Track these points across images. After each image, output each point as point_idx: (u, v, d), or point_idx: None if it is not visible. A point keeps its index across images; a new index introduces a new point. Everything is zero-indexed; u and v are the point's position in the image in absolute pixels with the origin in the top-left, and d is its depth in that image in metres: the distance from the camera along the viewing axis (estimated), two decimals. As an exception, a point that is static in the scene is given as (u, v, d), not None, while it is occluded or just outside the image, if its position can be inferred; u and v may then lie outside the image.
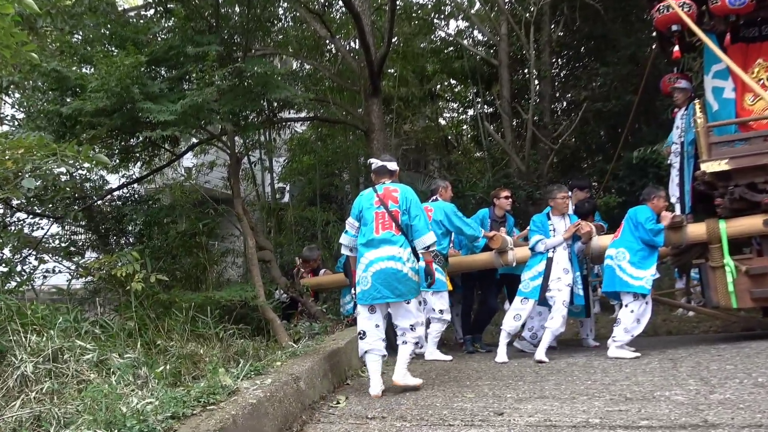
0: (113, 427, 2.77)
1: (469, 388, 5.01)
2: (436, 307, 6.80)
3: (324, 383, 4.86)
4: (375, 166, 5.73)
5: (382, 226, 5.32)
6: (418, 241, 5.31)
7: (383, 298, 5.15)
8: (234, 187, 8.13)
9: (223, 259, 10.29)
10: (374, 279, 5.17)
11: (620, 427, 3.67)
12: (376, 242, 5.26)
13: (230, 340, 6.11)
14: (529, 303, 6.55)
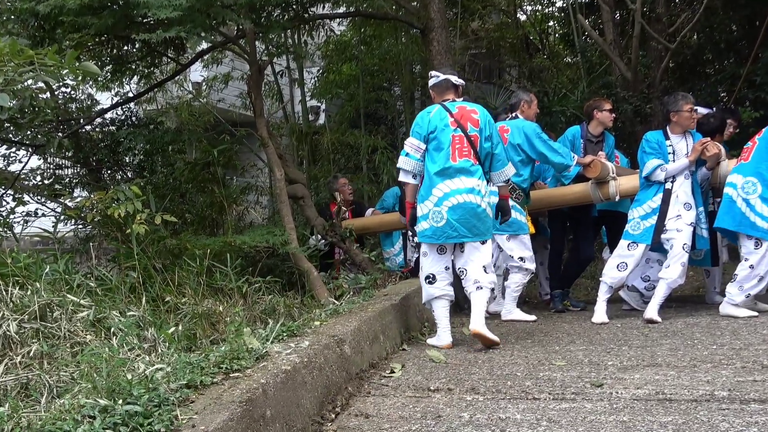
0: (117, 396, 2.87)
1: (558, 355, 5.03)
2: (514, 254, 6.81)
3: (374, 348, 4.93)
4: (436, 81, 5.87)
5: (459, 153, 5.56)
6: (500, 173, 5.73)
7: (460, 237, 5.49)
8: (256, 105, 8.16)
9: (245, 196, 10.44)
10: (450, 214, 5.47)
11: (755, 401, 3.65)
12: (452, 171, 5.54)
13: (256, 296, 6.24)
14: (638, 248, 6.49)
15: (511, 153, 6.78)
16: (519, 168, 6.81)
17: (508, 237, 6.77)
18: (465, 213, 5.47)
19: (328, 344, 4.15)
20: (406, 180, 5.75)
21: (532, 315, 6.92)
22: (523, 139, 6.88)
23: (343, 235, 8.12)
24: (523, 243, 6.83)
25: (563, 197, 7.43)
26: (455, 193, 5.48)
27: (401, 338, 5.62)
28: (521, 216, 6.82)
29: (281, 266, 7.82)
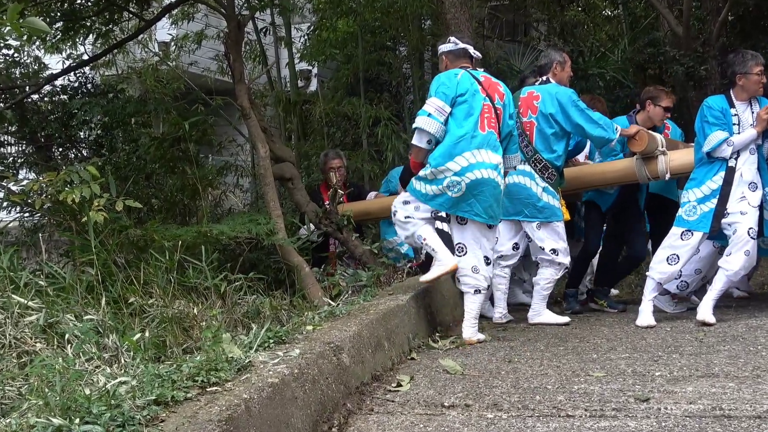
0: (73, 415, 2.88)
1: (596, 364, 5.05)
2: (545, 245, 6.83)
3: (378, 357, 4.95)
4: (453, 48, 6.27)
5: (488, 123, 5.96)
6: (513, 158, 6.30)
7: (473, 214, 5.95)
8: (235, 68, 8.14)
9: (222, 178, 10.45)
10: (470, 189, 5.88)
11: (831, 418, 3.66)
12: (479, 142, 5.94)
13: (236, 297, 6.25)
14: (693, 237, 6.50)
15: (542, 124, 6.86)
16: (551, 142, 6.85)
17: (538, 225, 6.79)
18: (487, 191, 5.82)
19: (322, 353, 4.16)
20: (420, 144, 6.03)
21: (564, 317, 6.95)
22: (557, 107, 6.87)
23: (339, 224, 8.11)
24: (555, 232, 6.84)
25: (602, 176, 7.43)
26: (480, 167, 5.84)
27: (409, 345, 5.63)
28: (554, 200, 6.84)
29: (266, 261, 7.82)
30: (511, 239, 7.00)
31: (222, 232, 6.90)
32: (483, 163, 5.86)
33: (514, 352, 5.56)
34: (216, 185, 9.84)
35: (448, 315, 6.82)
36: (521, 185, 6.79)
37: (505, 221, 6.87)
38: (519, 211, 6.82)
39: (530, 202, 6.77)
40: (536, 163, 6.81)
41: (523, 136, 6.87)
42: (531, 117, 6.92)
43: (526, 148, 6.82)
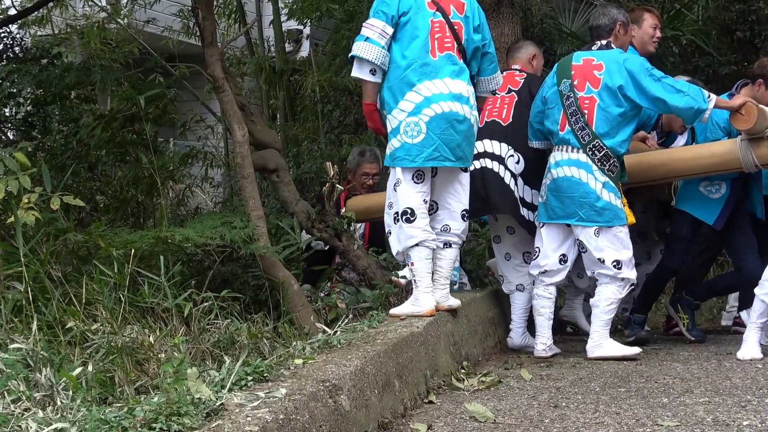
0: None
1: (666, 410, 5.06)
2: (606, 257, 6.85)
3: (386, 399, 4.96)
4: None
5: (440, 45, 6.12)
6: (489, 80, 6.43)
7: (440, 159, 6.19)
8: (205, 28, 8.13)
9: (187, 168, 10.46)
10: (430, 127, 6.13)
11: None
12: (432, 69, 6.17)
13: (205, 321, 6.25)
14: None
15: (606, 101, 6.86)
16: (617, 124, 6.87)
17: (596, 230, 6.82)
18: (449, 127, 6.02)
19: (315, 393, 4.17)
20: (361, 75, 6.30)
21: (634, 347, 6.96)
22: (626, 78, 6.86)
23: (338, 228, 8.11)
24: (618, 239, 6.88)
25: (695, 162, 7.36)
26: (437, 99, 6.05)
27: (427, 385, 5.65)
28: (616, 198, 6.86)
29: (243, 276, 7.82)
30: (558, 249, 7.05)
31: (187, 239, 6.88)
32: (441, 94, 6.05)
33: (562, 395, 5.58)
34: (179, 178, 9.85)
35: (476, 347, 6.86)
36: (575, 180, 6.84)
37: (549, 226, 6.90)
38: (571, 213, 6.87)
39: (587, 202, 6.80)
40: (595, 151, 6.83)
41: (579, 115, 6.90)
42: (591, 91, 6.93)
43: (582, 131, 6.85)
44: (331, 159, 10.18)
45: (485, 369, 6.39)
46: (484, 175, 7.20)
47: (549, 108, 7.13)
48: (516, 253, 7.54)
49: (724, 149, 7.22)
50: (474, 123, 6.26)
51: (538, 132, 7.30)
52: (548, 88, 7.20)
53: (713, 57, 12.47)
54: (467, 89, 6.15)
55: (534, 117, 7.31)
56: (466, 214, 6.31)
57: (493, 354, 7.22)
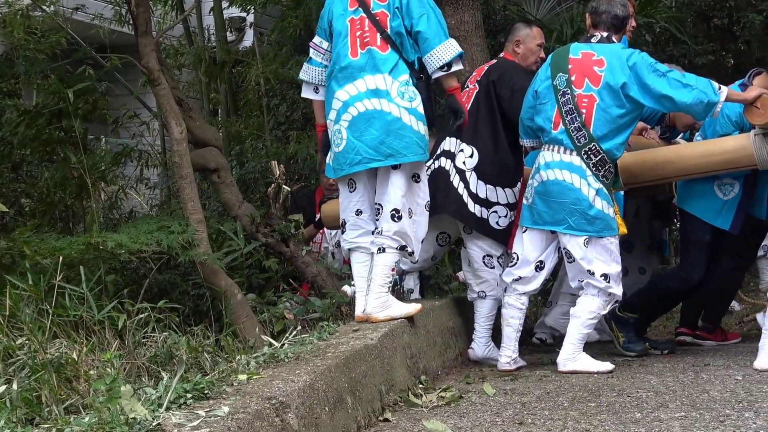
0: None
1: (640, 426, 5.07)
2: (595, 269, 6.84)
3: (338, 418, 4.95)
4: None
5: (361, 43, 6.28)
6: (430, 56, 6.29)
7: (365, 163, 6.32)
8: (138, 16, 8.10)
9: (120, 168, 10.41)
10: (350, 132, 6.30)
11: None
12: (352, 71, 6.35)
13: (140, 334, 6.22)
14: None
15: (607, 101, 6.80)
16: (617, 127, 6.83)
17: (586, 240, 6.81)
18: (368, 126, 6.14)
19: (260, 412, 4.16)
20: (306, 95, 6.68)
21: (606, 363, 6.98)
22: (630, 75, 6.80)
23: (284, 232, 8.10)
24: (608, 251, 6.89)
25: (705, 159, 7.33)
26: (354, 101, 6.23)
27: (382, 402, 5.64)
28: (608, 207, 6.84)
29: (182, 285, 7.80)
30: (537, 257, 7.03)
31: (120, 245, 6.84)
32: (359, 94, 6.25)
33: (527, 411, 5.56)
34: (111, 178, 9.80)
35: (435, 359, 6.86)
36: (566, 185, 6.78)
37: (532, 231, 6.95)
38: (560, 219, 6.82)
39: (578, 209, 6.75)
40: (591, 155, 6.76)
41: (575, 114, 6.81)
42: (590, 89, 6.85)
43: (578, 132, 6.78)
44: (278, 158, 10.16)
45: (445, 383, 6.38)
46: (436, 174, 7.25)
47: (541, 103, 7.01)
48: (476, 255, 7.47)
49: (737, 145, 7.18)
50: (402, 113, 6.25)
51: (528, 129, 7.21)
52: (541, 81, 7.09)
53: (689, 46, 12.50)
54: (387, 82, 6.24)
55: (525, 113, 7.20)
56: (396, 214, 6.29)
57: (453, 367, 7.21)
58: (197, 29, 14.23)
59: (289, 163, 11.06)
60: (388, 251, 6.33)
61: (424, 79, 6.37)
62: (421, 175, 6.48)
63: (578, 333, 6.89)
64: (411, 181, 6.41)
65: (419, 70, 6.38)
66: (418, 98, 6.32)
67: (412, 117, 6.27)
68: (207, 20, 14.37)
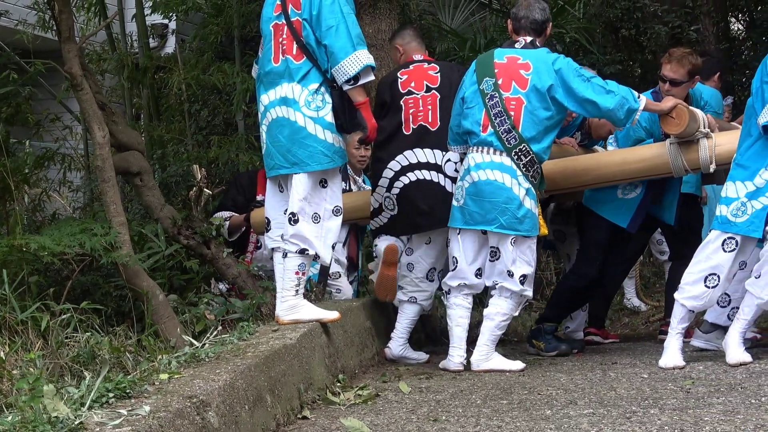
0: None
1: (550, 423, 5.11)
2: (515, 270, 6.89)
3: (257, 415, 4.95)
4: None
5: (281, 50, 6.38)
6: (337, 70, 6.28)
7: (276, 168, 6.47)
8: (62, 21, 8.02)
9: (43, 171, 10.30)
10: (267, 137, 6.51)
11: None
12: (273, 77, 6.47)
13: (63, 335, 6.17)
14: (741, 246, 6.57)
15: (534, 103, 6.83)
16: (545, 129, 6.89)
17: (513, 239, 6.84)
18: (278, 133, 6.30)
19: (181, 410, 4.15)
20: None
21: (517, 361, 7.03)
22: (556, 79, 6.85)
23: (206, 234, 8.06)
24: (530, 252, 6.97)
25: (622, 167, 7.43)
26: (270, 107, 6.39)
27: (301, 400, 5.64)
28: (535, 207, 6.89)
29: (105, 286, 7.73)
30: (473, 262, 7.07)
31: (43, 247, 6.77)
32: (273, 101, 6.40)
33: (442, 408, 5.60)
34: (35, 181, 9.69)
35: (352, 359, 6.87)
36: (498, 184, 6.79)
37: (465, 233, 6.97)
38: (492, 219, 6.82)
39: (509, 209, 6.76)
40: (521, 156, 6.79)
41: (504, 117, 6.81)
42: (518, 92, 6.86)
43: (507, 134, 6.79)
44: (199, 162, 10.11)
45: (362, 382, 6.41)
46: (423, 187, 7.26)
47: (468, 107, 7.00)
48: (422, 266, 7.58)
49: (653, 153, 7.30)
50: (307, 122, 6.30)
51: (456, 135, 7.19)
52: (467, 87, 7.09)
53: (598, 56, 12.64)
54: (296, 91, 6.31)
55: (453, 120, 7.20)
56: (292, 217, 6.32)
57: (370, 366, 7.24)
58: (120, 35, 14.11)
59: (210, 167, 11.02)
60: (290, 255, 6.35)
61: (337, 87, 6.35)
62: (329, 180, 6.45)
63: (491, 334, 6.94)
64: (317, 186, 6.40)
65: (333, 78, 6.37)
66: (326, 107, 6.34)
67: (318, 126, 6.29)
68: (129, 26, 14.25)
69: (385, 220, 7.46)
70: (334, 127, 6.37)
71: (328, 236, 6.48)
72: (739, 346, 6.50)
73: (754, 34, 14.94)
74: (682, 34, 12.33)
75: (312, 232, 6.37)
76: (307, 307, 6.42)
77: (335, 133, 6.38)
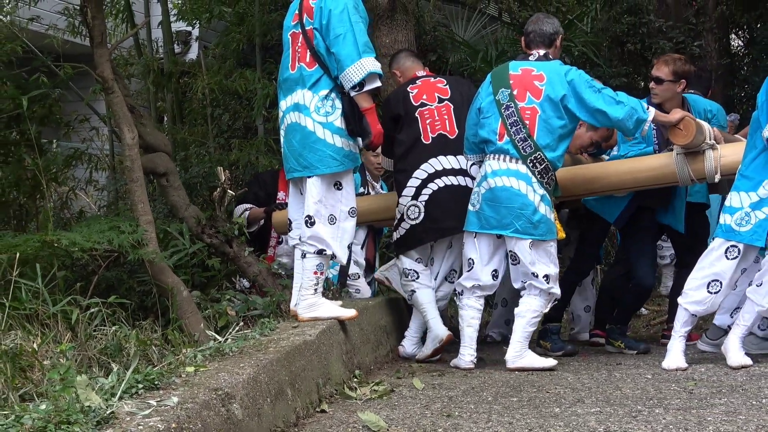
0: None
1: (559, 420, 5.11)
2: (538, 271, 6.88)
3: (278, 408, 4.95)
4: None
5: (297, 57, 6.47)
6: (343, 77, 6.33)
7: (291, 172, 6.54)
8: (94, 27, 8.02)
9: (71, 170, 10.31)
10: (284, 141, 6.59)
11: None
12: (290, 84, 6.56)
13: (91, 328, 6.18)
14: (743, 254, 6.57)
15: (548, 113, 6.83)
16: (559, 137, 6.90)
17: (531, 243, 6.83)
18: (291, 138, 6.39)
19: (207, 402, 4.15)
20: None
21: (550, 359, 7.05)
22: (569, 90, 6.85)
23: (228, 234, 8.07)
24: (549, 254, 6.95)
25: (632, 176, 7.40)
26: (287, 113, 6.48)
27: (319, 394, 5.65)
28: (551, 212, 6.90)
29: (128, 281, 7.74)
30: (489, 263, 7.06)
31: (74, 243, 6.78)
32: (288, 108, 6.51)
33: (454, 404, 5.60)
34: (63, 180, 9.70)
35: (368, 355, 6.88)
36: (514, 191, 6.78)
37: (481, 237, 6.96)
38: (507, 224, 6.81)
39: (524, 214, 6.75)
40: (536, 164, 6.79)
41: (520, 125, 6.82)
42: (532, 102, 6.86)
43: (523, 142, 6.80)
44: (221, 163, 10.12)
45: (377, 378, 6.40)
46: (453, 192, 7.23)
47: (485, 117, 7.00)
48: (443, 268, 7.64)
49: (660, 163, 7.28)
50: (317, 128, 6.36)
51: (473, 145, 7.19)
52: (483, 98, 7.09)
53: (604, 69, 12.66)
54: (307, 97, 6.37)
55: (469, 129, 7.20)
56: (308, 220, 6.37)
57: (385, 363, 7.24)
58: (146, 41, 14.14)
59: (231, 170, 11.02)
60: (308, 256, 6.38)
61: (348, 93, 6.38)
62: (343, 182, 6.46)
63: (524, 332, 6.91)
64: (332, 188, 6.44)
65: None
66: (336, 112, 6.37)
67: (327, 131, 6.33)
68: (155, 33, 14.28)
69: (403, 231, 7.40)
70: (343, 131, 6.38)
71: (344, 237, 6.49)
72: (739, 350, 6.51)
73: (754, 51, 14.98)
74: (685, 49, 12.31)
75: (328, 233, 6.38)
76: (326, 305, 6.42)
77: (345, 137, 6.39)
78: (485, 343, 8.21)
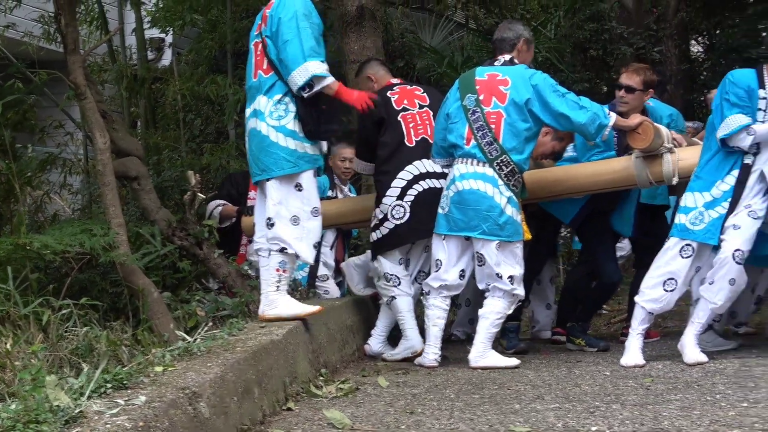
0: None
1: (518, 416, 5.13)
2: (503, 272, 6.90)
3: (245, 406, 4.94)
4: None
5: (258, 66, 6.52)
6: (289, 81, 6.37)
7: (253, 176, 6.59)
8: (67, 34, 8.00)
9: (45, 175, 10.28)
10: (247, 146, 6.66)
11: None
12: (252, 91, 6.62)
13: (62, 329, 6.16)
14: (697, 252, 6.61)
15: (513, 116, 6.86)
16: (524, 140, 6.92)
17: (498, 244, 6.85)
18: (251, 143, 6.49)
19: (175, 401, 4.15)
20: None
21: (512, 358, 7.06)
22: (533, 94, 6.88)
23: (198, 236, 8.06)
24: (515, 255, 6.96)
25: (593, 179, 7.45)
26: (248, 120, 6.58)
27: (286, 392, 5.64)
28: (517, 214, 6.92)
29: (101, 283, 7.71)
30: (456, 264, 7.06)
31: (46, 246, 6.76)
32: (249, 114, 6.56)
33: (417, 402, 5.61)
34: (37, 184, 9.67)
35: (334, 354, 6.88)
36: (481, 193, 6.81)
37: (449, 238, 6.97)
38: (475, 225, 6.83)
39: (491, 216, 6.78)
40: (502, 166, 6.83)
41: (486, 130, 6.86)
42: (498, 106, 6.89)
43: (489, 146, 6.83)
44: (193, 167, 10.12)
45: (343, 376, 6.41)
46: (436, 195, 7.17)
47: (452, 123, 7.04)
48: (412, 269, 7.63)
49: (621, 166, 7.31)
50: (270, 131, 6.39)
51: (441, 149, 7.21)
52: (451, 103, 7.13)
53: (567, 74, 12.70)
54: (262, 102, 6.42)
55: (438, 134, 7.23)
56: (269, 222, 6.39)
57: (351, 361, 7.24)
58: (120, 48, 14.10)
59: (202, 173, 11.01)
60: (272, 253, 6.38)
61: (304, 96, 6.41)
62: (303, 183, 6.43)
63: (487, 332, 6.93)
64: (292, 190, 6.42)
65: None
66: (289, 116, 6.39)
67: (280, 134, 6.36)
68: (129, 40, 14.25)
69: (386, 231, 7.37)
70: (296, 134, 6.39)
71: (309, 236, 6.47)
72: (695, 347, 6.56)
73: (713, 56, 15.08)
74: (646, 55, 12.40)
75: (291, 233, 6.36)
76: (287, 301, 6.41)
77: (299, 140, 6.39)
78: (449, 341, 8.19)
